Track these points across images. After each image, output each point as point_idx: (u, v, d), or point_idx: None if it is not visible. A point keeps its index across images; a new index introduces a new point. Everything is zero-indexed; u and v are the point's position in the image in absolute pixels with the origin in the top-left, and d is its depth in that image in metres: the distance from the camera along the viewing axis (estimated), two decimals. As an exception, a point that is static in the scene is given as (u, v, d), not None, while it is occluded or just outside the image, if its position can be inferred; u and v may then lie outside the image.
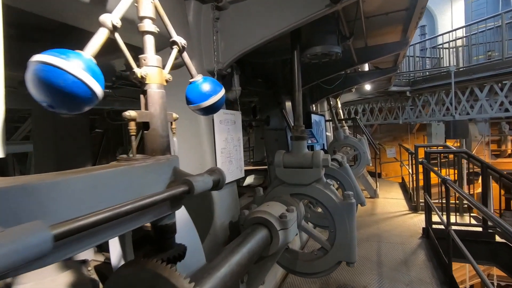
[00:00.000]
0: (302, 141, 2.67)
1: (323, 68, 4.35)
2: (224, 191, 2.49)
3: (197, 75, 1.46)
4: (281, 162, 2.69)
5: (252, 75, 4.61)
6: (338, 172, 3.91)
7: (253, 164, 9.02)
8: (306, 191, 2.65)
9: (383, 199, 6.70)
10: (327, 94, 6.38)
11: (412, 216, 5.40)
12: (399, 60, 5.21)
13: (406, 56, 11.08)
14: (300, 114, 2.69)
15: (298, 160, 2.65)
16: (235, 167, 2.60)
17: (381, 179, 8.89)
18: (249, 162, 9.66)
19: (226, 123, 2.48)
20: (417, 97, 10.51)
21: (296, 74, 2.69)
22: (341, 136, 6.65)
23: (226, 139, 2.47)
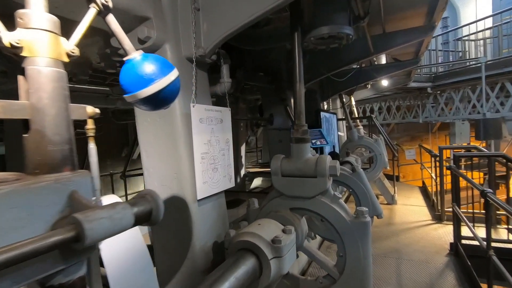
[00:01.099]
0: (304, 144, 2.17)
1: (333, 58, 3.83)
2: (207, 205, 2.03)
3: (134, 51, 1.00)
4: (278, 170, 2.20)
5: (253, 68, 4.14)
6: (350, 178, 3.38)
7: (261, 166, 8.55)
8: (309, 206, 2.15)
9: (402, 206, 6.07)
10: (340, 90, 5.83)
11: (436, 227, 4.77)
12: (422, 50, 4.59)
13: (427, 50, 10.29)
14: (302, 110, 2.19)
15: (299, 167, 2.16)
16: (221, 176, 2.13)
17: (399, 183, 8.21)
18: (256, 164, 9.19)
19: (209, 121, 2.02)
20: (439, 94, 9.72)
21: (297, 62, 2.20)
22: (355, 136, 6.07)
23: (209, 142, 2.00)
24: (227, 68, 2.37)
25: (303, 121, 2.21)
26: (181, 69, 1.98)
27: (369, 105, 12.16)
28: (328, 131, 5.08)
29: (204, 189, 1.95)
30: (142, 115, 2.03)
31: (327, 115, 5.16)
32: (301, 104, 2.20)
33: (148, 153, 2.02)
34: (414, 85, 8.96)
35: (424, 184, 7.73)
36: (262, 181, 8.05)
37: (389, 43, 3.56)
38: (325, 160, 2.08)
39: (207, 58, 2.08)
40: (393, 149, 6.59)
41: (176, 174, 1.93)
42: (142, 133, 2.04)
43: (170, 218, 1.98)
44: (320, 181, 2.08)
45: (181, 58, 1.97)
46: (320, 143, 4.17)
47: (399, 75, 7.24)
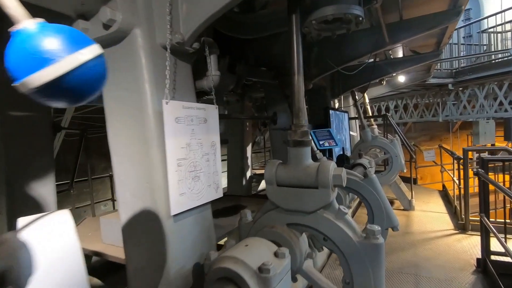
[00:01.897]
0: (304, 148, 1.82)
1: (343, 50, 3.44)
2: (186, 221, 1.71)
3: (26, 19, 0.68)
4: (273, 178, 1.86)
5: (256, 62, 3.80)
6: (361, 185, 2.99)
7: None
8: (309, 222, 1.80)
9: (420, 212, 5.57)
10: (352, 86, 5.40)
11: (459, 238, 4.28)
12: (444, 41, 4.11)
13: (449, 44, 9.62)
14: (301, 107, 1.84)
15: (297, 175, 1.81)
16: (204, 185, 1.81)
17: (417, 186, 7.66)
18: (265, 164, 8.84)
19: (189, 121, 1.70)
20: (461, 91, 9.05)
21: (295, 49, 1.84)
22: (369, 137, 5.63)
23: (188, 145, 1.68)
24: (214, 59, 2.04)
25: (302, 120, 1.85)
26: (156, 60, 1.67)
27: (385, 103, 11.56)
28: (338, 131, 4.68)
29: (182, 202, 1.63)
30: (111, 113, 1.73)
31: (338, 114, 4.76)
32: (300, 100, 1.84)
33: (119, 158, 1.73)
34: (434, 82, 8.36)
35: (444, 187, 7.16)
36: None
37: (407, 32, 3.13)
38: (328, 167, 1.72)
39: (187, 47, 1.76)
40: (410, 150, 6.09)
41: (148, 184, 1.62)
42: (112, 134, 1.74)
43: (144, 236, 1.68)
44: (322, 193, 1.73)
45: (154, 47, 1.66)
46: (328, 144, 3.78)
47: (417, 70, 6.72)
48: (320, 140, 3.83)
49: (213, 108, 1.91)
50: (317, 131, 3.94)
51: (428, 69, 6.63)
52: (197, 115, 1.76)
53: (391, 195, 6.31)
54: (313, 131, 3.97)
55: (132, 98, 1.65)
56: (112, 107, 1.73)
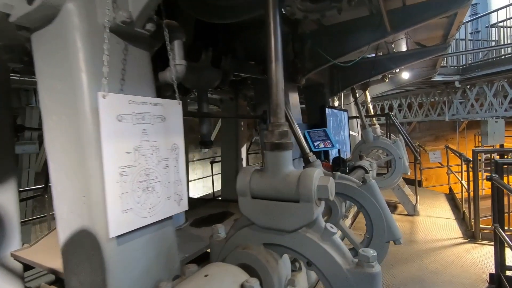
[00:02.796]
0: (282, 152, 1.48)
1: (338, 40, 3.10)
2: (134, 243, 1.39)
3: None
4: (247, 188, 1.53)
5: (245, 56, 3.48)
6: (358, 192, 2.64)
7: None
8: (289, 243, 1.46)
9: (426, 218, 5.20)
10: (352, 83, 5.04)
11: (469, 248, 3.91)
12: (452, 31, 3.74)
13: (455, 39, 9.20)
14: (278, 103, 1.50)
15: (275, 186, 1.47)
16: (162, 198, 1.48)
17: (422, 189, 7.27)
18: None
19: (138, 120, 1.37)
20: (468, 89, 8.62)
21: (272, 32, 1.51)
22: (370, 137, 5.26)
23: (136, 150, 1.36)
24: (179, 46, 1.70)
25: (281, 118, 1.51)
26: (97, 44, 1.35)
27: (388, 101, 11.16)
28: (336, 131, 4.33)
29: (127, 221, 1.31)
30: (46, 109, 1.41)
31: (336, 112, 4.41)
32: (279, 93, 1.50)
33: (55, 165, 1.41)
34: (440, 79, 7.94)
35: (451, 190, 6.77)
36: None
37: (410, 19, 2.77)
38: (311, 176, 1.38)
39: (138, 28, 1.43)
40: (415, 151, 5.72)
41: (85, 198, 1.30)
42: (48, 136, 1.42)
43: (83, 262, 1.36)
44: (303, 208, 1.39)
45: (95, 28, 1.33)
46: (324, 145, 3.45)
47: (422, 66, 6.34)
48: (315, 141, 3.49)
49: (174, 104, 1.59)
50: (312, 131, 3.60)
51: (434, 65, 6.24)
52: (151, 112, 1.44)
53: (394, 199, 5.95)
54: (308, 131, 3.64)
55: (67, 92, 1.33)
56: (47, 102, 1.41)
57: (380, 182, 5.30)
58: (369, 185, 2.64)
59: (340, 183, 2.72)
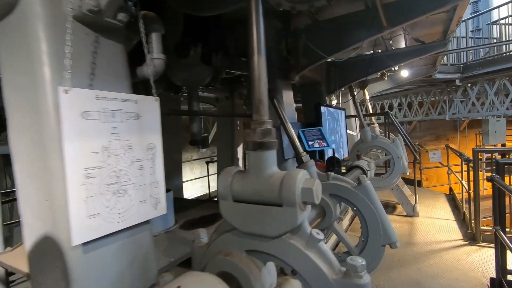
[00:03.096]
0: (265, 152, 1.37)
1: (333, 36, 2.99)
2: (102, 252, 1.28)
3: None
4: (228, 191, 1.42)
5: (238, 53, 3.37)
6: (353, 193, 2.53)
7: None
8: (272, 249, 1.36)
9: (425, 219, 5.09)
10: (349, 81, 4.93)
11: (469, 250, 3.80)
12: (452, 27, 3.62)
13: (455, 37, 9.07)
14: (261, 99, 1.39)
15: (258, 189, 1.37)
16: (135, 201, 1.38)
17: (422, 189, 7.15)
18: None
19: (107, 117, 1.27)
20: (469, 87, 8.49)
21: (253, 21, 1.41)
22: (368, 136, 5.15)
23: (105, 149, 1.25)
24: (157, 39, 1.60)
25: (264, 115, 1.40)
26: (62, 36, 1.25)
27: (388, 100, 11.03)
28: (332, 130, 4.22)
29: (94, 227, 1.20)
30: (10, 105, 1.31)
31: (332, 111, 4.30)
32: (261, 89, 1.40)
33: (19, 166, 1.30)
34: (440, 77, 7.81)
35: (451, 191, 6.65)
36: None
37: (407, 13, 2.66)
38: (295, 178, 1.28)
39: (108, 18, 1.33)
40: (414, 150, 5.60)
41: (48, 202, 1.20)
42: (12, 136, 1.32)
43: (49, 272, 1.26)
44: (286, 213, 1.28)
45: (60, 17, 1.23)
46: (319, 145, 3.34)
47: (421, 64, 6.22)
48: (309, 140, 3.38)
49: (150, 100, 1.48)
50: (307, 130, 3.49)
51: (434, 62, 6.12)
52: (123, 108, 1.33)
53: (393, 200, 5.84)
54: (302, 130, 3.53)
55: (30, 87, 1.22)
56: (11, 99, 1.30)
57: (379, 182, 5.19)
58: (364, 186, 2.53)
59: (334, 184, 2.62)
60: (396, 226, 4.80)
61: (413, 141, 10.13)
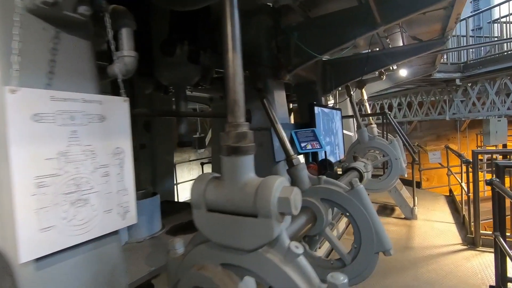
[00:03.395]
0: (240, 157, 1.26)
1: (325, 33, 2.87)
2: (59, 268, 1.17)
3: None
4: (201, 200, 1.31)
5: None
6: (345, 198, 2.42)
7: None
8: (248, 263, 1.25)
9: (424, 222, 4.96)
10: (346, 80, 4.81)
11: (468, 255, 3.67)
12: (451, 24, 3.50)
13: (455, 36, 8.93)
14: (237, 99, 1.28)
15: (232, 197, 1.25)
16: (99, 211, 1.26)
17: (421, 190, 7.03)
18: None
19: (65, 120, 1.16)
20: (470, 87, 8.35)
21: (228, 18, 1.29)
22: (365, 137, 5.04)
23: (62, 155, 1.14)
24: (127, 35, 1.48)
25: (240, 117, 1.29)
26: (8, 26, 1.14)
27: (388, 100, 10.90)
28: (327, 131, 4.10)
29: (48, 241, 1.09)
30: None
31: (327, 111, 4.17)
32: (237, 88, 1.28)
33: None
34: (440, 76, 7.68)
35: (451, 192, 6.52)
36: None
37: (401, 9, 2.53)
38: (271, 186, 1.16)
39: (66, 11, 1.21)
40: (412, 151, 5.47)
41: (-4, 214, 1.08)
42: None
43: None
44: (262, 224, 1.17)
45: (11, 8, 1.11)
46: (311, 147, 3.22)
47: (420, 63, 6.09)
48: (302, 142, 3.27)
49: (118, 101, 1.37)
50: (300, 132, 3.38)
51: (433, 61, 5.99)
52: (84, 110, 1.22)
53: (391, 202, 5.71)
54: (295, 131, 3.41)
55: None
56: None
57: (376, 184, 5.07)
58: (356, 190, 2.41)
59: (325, 188, 2.50)
60: (394, 229, 4.68)
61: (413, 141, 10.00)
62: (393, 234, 4.48)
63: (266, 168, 3.23)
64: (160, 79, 2.98)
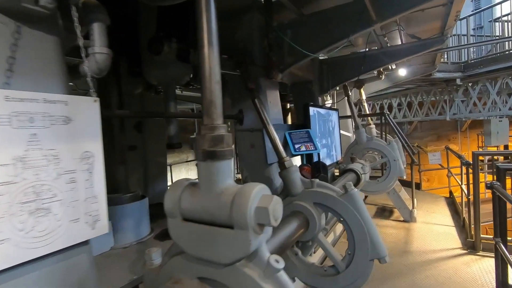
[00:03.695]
0: (217, 162, 1.16)
1: (317, 29, 2.77)
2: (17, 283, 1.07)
3: None
4: (176, 208, 1.21)
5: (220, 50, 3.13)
6: (338, 202, 2.32)
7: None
8: (224, 278, 1.14)
9: (423, 225, 4.85)
10: (343, 80, 4.71)
11: (468, 260, 3.56)
12: (450, 22, 3.39)
13: (455, 35, 8.81)
14: (213, 99, 1.17)
15: (207, 206, 1.15)
16: (64, 221, 1.16)
17: (421, 192, 6.91)
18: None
19: (23, 122, 1.06)
20: (470, 86, 8.22)
21: (203, 11, 1.19)
22: (363, 138, 4.94)
23: (18, 160, 1.04)
24: (100, 30, 1.38)
25: (216, 118, 1.19)
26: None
27: (387, 100, 10.77)
28: (323, 132, 4.00)
29: (2, 255, 0.99)
30: None
31: (323, 112, 4.07)
32: (213, 87, 1.18)
33: None
34: (440, 76, 7.56)
35: (451, 194, 6.40)
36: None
37: (397, 5, 2.43)
38: (248, 195, 1.06)
39: (25, 3, 1.12)
40: (411, 152, 5.36)
41: None
42: None
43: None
44: (238, 237, 1.07)
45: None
46: (305, 148, 3.12)
47: (420, 63, 5.98)
48: (296, 143, 3.16)
49: (86, 101, 1.27)
50: (294, 133, 3.27)
51: (433, 61, 5.87)
52: (46, 111, 1.12)
53: (390, 204, 5.61)
54: (289, 132, 3.31)
55: None
56: None
57: (374, 186, 4.97)
58: (350, 194, 2.31)
59: (318, 192, 2.40)
60: (392, 233, 4.57)
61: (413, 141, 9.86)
62: (391, 237, 4.37)
63: (258, 171, 3.14)
64: (149, 79, 2.89)
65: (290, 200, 2.50)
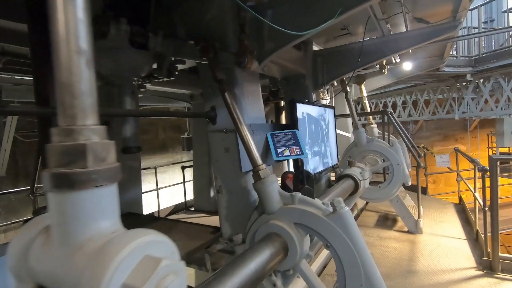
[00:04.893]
0: (75, 193, 0.64)
1: (303, 6, 2.25)
2: None
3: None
4: (21, 268, 0.70)
5: (187, 36, 2.66)
6: (325, 224, 1.81)
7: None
8: None
9: (430, 238, 4.30)
10: (340, 74, 4.18)
11: (484, 284, 3.02)
12: (464, 3, 2.84)
13: (465, 28, 8.20)
14: (72, 83, 0.66)
15: (56, 270, 0.64)
16: None
17: (427, 197, 6.36)
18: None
19: None
20: (482, 83, 7.62)
21: None
22: (362, 139, 4.43)
23: None
24: None
25: (80, 114, 0.68)
26: None
27: (391, 98, 10.19)
28: (315, 134, 3.47)
29: None
30: None
31: (315, 113, 3.53)
32: (72, 62, 0.68)
33: None
34: (449, 71, 6.97)
35: (461, 200, 5.83)
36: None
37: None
38: (112, 257, 0.55)
39: None
40: (417, 155, 4.82)
41: None
42: None
43: None
44: None
45: None
46: (290, 153, 2.60)
47: (427, 55, 5.42)
48: (279, 146, 2.65)
49: None
50: (277, 134, 2.75)
51: (441, 53, 5.31)
52: None
53: (393, 211, 5.07)
54: (272, 133, 2.79)
55: None
56: None
57: (375, 193, 4.44)
58: (339, 215, 1.79)
59: (300, 210, 1.90)
60: (395, 246, 4.04)
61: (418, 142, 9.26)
62: (393, 252, 3.85)
63: (234, 179, 2.64)
64: (99, 69, 2.40)
65: (266, 219, 2.00)
